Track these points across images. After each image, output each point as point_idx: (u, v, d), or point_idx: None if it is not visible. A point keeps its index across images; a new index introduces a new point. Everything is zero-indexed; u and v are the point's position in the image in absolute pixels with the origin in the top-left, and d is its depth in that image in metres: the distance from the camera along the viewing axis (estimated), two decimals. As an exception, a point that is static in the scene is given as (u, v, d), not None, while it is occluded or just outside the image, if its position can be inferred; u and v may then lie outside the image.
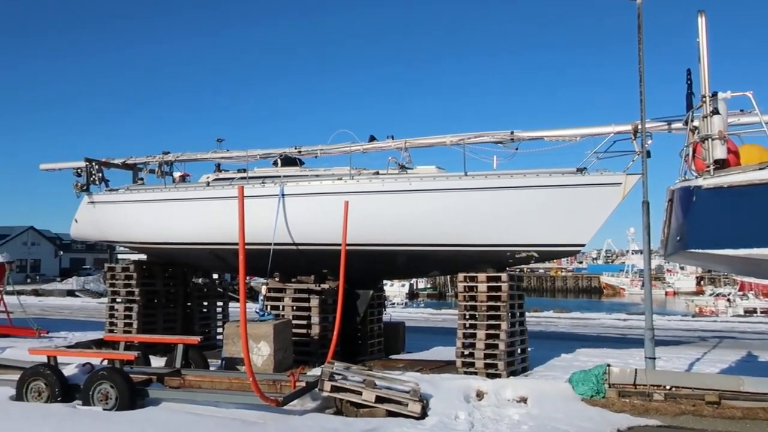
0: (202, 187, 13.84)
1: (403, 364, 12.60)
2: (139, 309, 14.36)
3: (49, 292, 46.98)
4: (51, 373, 9.43)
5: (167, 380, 10.02)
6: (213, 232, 13.19)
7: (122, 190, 14.86)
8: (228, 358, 11.47)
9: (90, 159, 14.81)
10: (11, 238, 72.40)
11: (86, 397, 9.05)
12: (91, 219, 15.11)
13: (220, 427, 8.02)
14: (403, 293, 55.52)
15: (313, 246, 12.62)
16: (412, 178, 11.93)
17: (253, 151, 13.84)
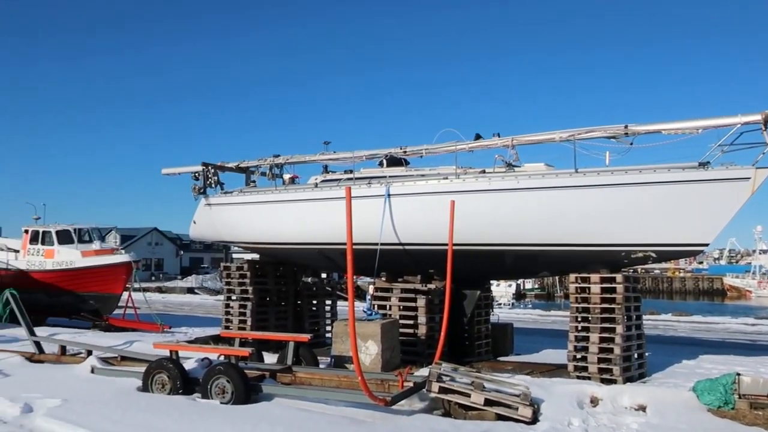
0: (311, 188, 14.17)
1: (512, 366, 12.31)
2: (252, 307, 14.91)
3: (171, 290, 49.92)
4: (173, 366, 9.95)
5: (279, 377, 10.31)
6: (321, 233, 13.47)
7: (236, 193, 15.48)
8: (337, 356, 11.66)
9: (206, 163, 15.54)
10: (137, 239, 77.51)
11: (205, 391, 9.47)
12: (208, 220, 15.85)
13: (330, 425, 8.14)
14: (509, 294, 54.49)
15: (419, 246, 12.59)
16: (520, 176, 11.63)
17: (359, 152, 14.00)
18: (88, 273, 20.13)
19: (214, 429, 7.86)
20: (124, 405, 9.07)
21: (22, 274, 20.99)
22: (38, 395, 9.55)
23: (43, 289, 20.43)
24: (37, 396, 9.50)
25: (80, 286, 20.23)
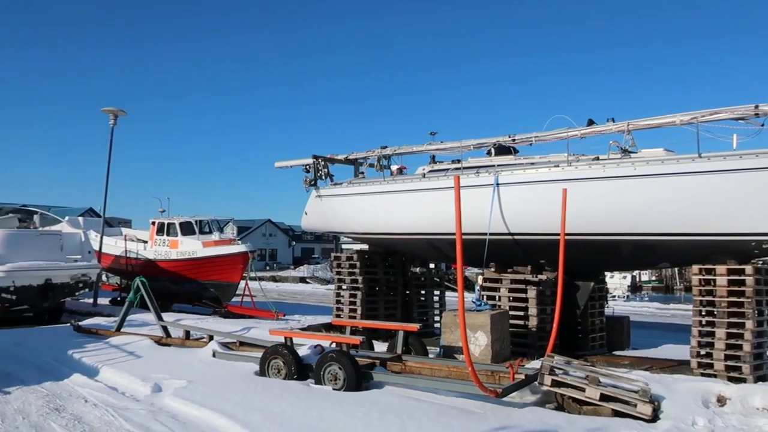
0: (418, 178, 14.20)
1: (629, 361, 11.80)
2: (362, 296, 15.19)
3: (284, 279, 51.79)
4: (288, 352, 10.30)
5: (389, 365, 10.42)
6: (429, 223, 13.49)
7: (345, 184, 15.78)
8: (446, 346, 11.64)
9: (317, 156, 15.94)
10: (252, 230, 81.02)
11: (318, 377, 9.73)
12: (319, 211, 16.29)
13: (440, 414, 8.14)
14: (624, 286, 52.34)
15: (529, 236, 12.32)
16: (637, 162, 11.08)
17: (466, 142, 13.87)
18: (209, 262, 21.27)
19: (327, 414, 8.07)
20: (243, 388, 9.50)
21: (150, 263, 22.52)
22: (166, 376, 10.19)
23: (168, 277, 21.82)
24: (165, 377, 10.14)
25: (201, 275, 21.42)
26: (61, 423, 8.06)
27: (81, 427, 7.90)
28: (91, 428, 7.86)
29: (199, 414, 8.36)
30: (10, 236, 17.52)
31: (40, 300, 17.48)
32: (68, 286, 17.98)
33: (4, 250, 16.86)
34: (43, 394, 9.57)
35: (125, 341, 13.33)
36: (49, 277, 17.30)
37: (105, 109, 21.94)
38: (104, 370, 10.95)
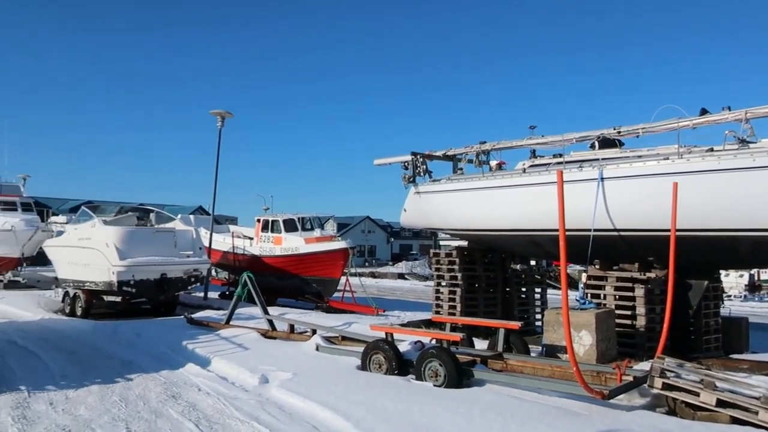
0: (518, 173, 13.96)
1: (748, 365, 11.09)
2: (461, 293, 15.12)
3: (383, 275, 52.30)
4: (389, 348, 10.41)
5: (490, 363, 10.32)
6: (530, 219, 13.22)
7: (444, 180, 15.75)
8: (548, 345, 11.38)
9: (415, 153, 16.01)
10: (351, 227, 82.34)
11: (418, 373, 9.78)
12: (417, 208, 16.34)
13: (543, 414, 7.98)
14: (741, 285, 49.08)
15: (636, 232, 11.82)
16: (757, 152, 10.37)
17: (569, 135, 13.48)
18: (311, 258, 21.85)
19: (429, 410, 8.09)
20: (345, 381, 9.70)
21: (256, 259, 23.41)
22: (272, 368, 10.56)
23: (273, 273, 22.60)
24: (272, 369, 10.52)
25: (304, 270, 22.04)
26: (177, 409, 8.54)
27: (195, 414, 8.34)
28: (205, 415, 8.27)
29: (303, 405, 8.61)
30: (129, 233, 18.73)
31: (156, 293, 18.59)
32: (181, 281, 19.01)
33: (125, 246, 18.03)
34: (161, 382, 10.18)
35: (234, 334, 13.94)
36: (164, 271, 18.35)
37: (213, 112, 23.00)
38: (215, 361, 11.50)
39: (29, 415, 8.18)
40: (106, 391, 9.53)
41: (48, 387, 9.71)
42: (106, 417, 8.12)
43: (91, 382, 10.02)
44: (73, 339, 14.52)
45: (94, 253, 18.37)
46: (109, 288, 18.17)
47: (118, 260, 17.58)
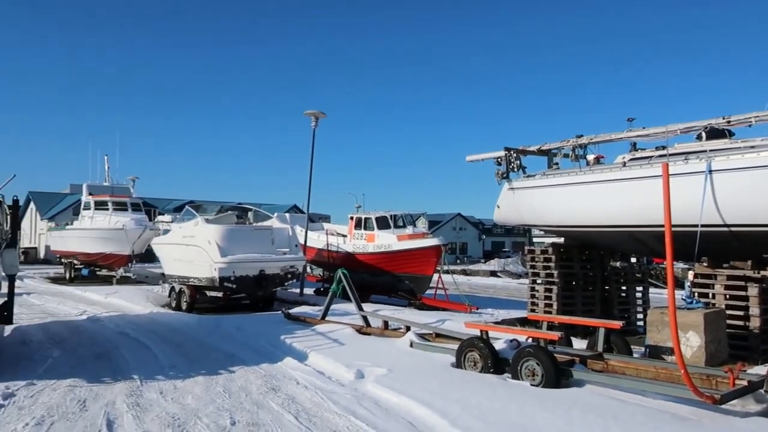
0: (618, 167, 13.43)
1: None
2: (558, 290, 14.74)
3: (475, 272, 51.78)
4: (484, 345, 10.29)
5: (590, 363, 9.99)
6: (630, 214, 12.70)
7: (538, 176, 15.39)
8: (652, 346, 10.89)
9: (509, 148, 15.73)
10: (442, 224, 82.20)
11: (515, 371, 9.61)
12: (511, 204, 16.05)
13: (647, 417, 7.64)
14: None
15: (749, 227, 11.09)
16: None
17: (672, 126, 12.83)
18: (403, 255, 21.94)
19: (526, 409, 7.93)
20: (440, 378, 9.67)
21: (349, 256, 23.76)
22: (368, 363, 10.68)
23: (366, 270, 22.86)
24: (367, 364, 10.63)
25: (397, 267, 22.16)
26: (277, 402, 8.79)
27: (294, 406, 8.55)
28: (303, 408, 8.47)
29: (399, 401, 8.65)
30: (230, 231, 19.47)
31: (255, 289, 19.24)
32: (279, 277, 19.58)
33: (225, 243, 18.77)
34: (261, 375, 10.52)
35: (329, 329, 14.21)
36: (263, 268, 18.97)
37: (307, 113, 23.53)
38: (312, 356, 11.76)
39: (142, 402, 8.66)
40: (211, 382, 9.94)
41: (158, 377, 10.25)
42: (211, 407, 8.47)
43: (197, 373, 10.49)
44: (180, 332, 15.25)
45: (197, 250, 19.24)
46: (211, 284, 18.97)
47: (219, 257, 18.32)
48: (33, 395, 8.90)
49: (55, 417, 7.87)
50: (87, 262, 32.78)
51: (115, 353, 12.38)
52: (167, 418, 7.92)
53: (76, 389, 9.31)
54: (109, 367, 11.00)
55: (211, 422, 7.76)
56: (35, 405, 8.41)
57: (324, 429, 7.55)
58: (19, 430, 7.29)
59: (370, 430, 7.53)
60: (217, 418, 7.93)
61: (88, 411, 8.19)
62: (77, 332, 15.18)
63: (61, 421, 7.70)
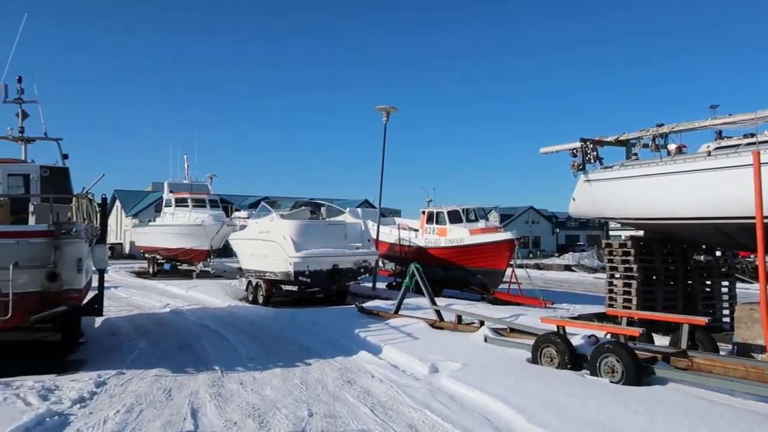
0: (702, 157, 12.83)
1: None
2: (637, 285, 14.25)
3: (548, 267, 50.80)
4: (561, 341, 10.09)
5: (673, 360, 9.62)
6: (716, 206, 12.12)
7: (617, 167, 14.91)
8: (740, 343, 10.41)
9: (585, 139, 15.30)
10: (515, 218, 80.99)
11: (593, 368, 9.38)
12: (588, 197, 15.62)
13: (737, 419, 7.30)
14: None
15: None
16: None
17: (762, 112, 12.14)
18: (476, 249, 21.75)
19: (606, 407, 7.73)
20: (515, 374, 9.55)
21: (421, 250, 23.76)
22: (442, 358, 10.66)
23: (438, 264, 22.80)
24: (441, 359, 10.62)
25: (469, 262, 22.00)
26: (353, 394, 8.90)
27: (370, 399, 8.64)
28: (379, 401, 8.54)
29: (474, 396, 8.60)
30: (304, 226, 19.82)
31: (329, 283, 19.50)
32: (352, 271, 19.78)
33: (300, 238, 19.11)
34: (337, 367, 10.67)
35: (403, 323, 14.26)
36: (336, 262, 19.21)
37: (379, 108, 23.64)
38: (386, 349, 11.83)
39: (223, 392, 8.95)
40: (288, 374, 10.16)
41: (237, 368, 10.57)
42: (289, 398, 8.66)
43: (275, 365, 10.75)
44: (257, 325, 15.66)
45: (273, 245, 19.68)
46: (286, 278, 19.37)
47: (294, 252, 18.68)
48: (123, 384, 9.35)
49: (143, 405, 8.23)
50: (169, 257, 34.15)
51: (197, 345, 12.83)
52: (248, 408, 8.15)
53: (162, 379, 9.72)
54: (191, 358, 11.42)
55: (290, 413, 7.93)
56: (125, 393, 8.83)
57: (400, 422, 7.59)
58: (111, 417, 7.66)
59: (446, 424, 7.52)
60: (295, 410, 8.10)
61: (174, 400, 8.53)
62: (161, 324, 15.83)
63: (149, 409, 8.05)
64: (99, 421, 7.48)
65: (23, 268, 9.79)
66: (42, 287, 10.06)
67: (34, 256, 10.00)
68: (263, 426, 7.43)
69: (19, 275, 9.67)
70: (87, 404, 8.21)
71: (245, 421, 7.59)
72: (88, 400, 8.42)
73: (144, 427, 7.37)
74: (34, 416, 7.41)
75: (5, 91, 15.20)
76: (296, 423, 7.54)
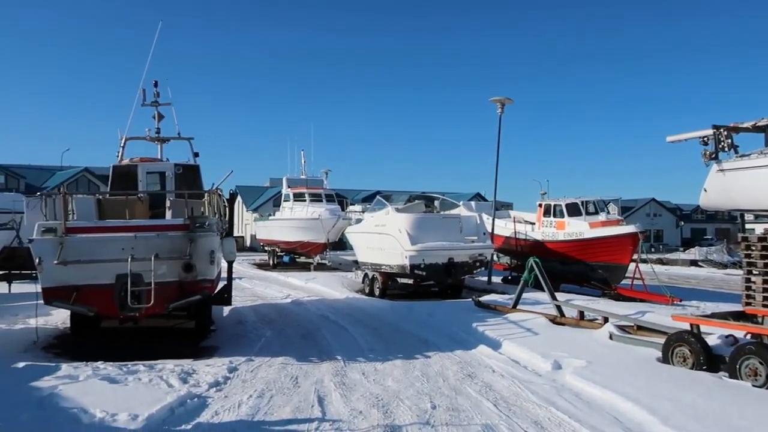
0: None
1: None
2: (778, 282, 13.18)
3: (673, 261, 48.16)
4: (695, 341, 9.55)
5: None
6: None
7: (755, 155, 13.81)
8: None
9: (718, 126, 14.28)
10: (635, 210, 77.42)
11: (732, 370, 8.81)
12: (721, 187, 14.57)
13: None
14: None
15: None
16: None
17: None
18: (597, 243, 20.97)
19: (750, 413, 7.24)
20: (645, 373, 9.15)
21: (538, 244, 23.22)
22: (564, 354, 10.38)
23: (556, 258, 22.19)
24: (564, 355, 10.34)
25: (589, 256, 21.24)
26: (474, 389, 8.85)
27: (492, 394, 8.56)
28: (501, 397, 8.44)
29: (601, 395, 8.32)
30: (419, 220, 19.91)
31: (444, 276, 19.49)
32: (467, 265, 19.66)
33: (415, 232, 19.22)
34: (456, 361, 10.65)
35: (521, 318, 14.02)
36: (452, 256, 19.15)
37: (493, 99, 23.29)
38: (506, 344, 11.68)
39: (347, 382, 9.18)
40: (408, 366, 10.27)
41: (359, 359, 10.80)
42: (411, 390, 8.75)
43: (395, 357, 10.89)
44: (374, 317, 15.93)
45: (388, 238, 19.93)
46: (402, 271, 19.56)
47: (410, 245, 18.81)
48: (252, 370, 9.81)
49: (273, 391, 8.60)
50: (287, 250, 35.43)
51: (318, 335, 13.24)
52: (371, 398, 8.31)
53: (288, 367, 10.10)
54: (314, 348, 11.80)
55: (413, 405, 8.01)
56: (255, 379, 9.27)
57: (524, 419, 7.47)
58: (245, 401, 8.07)
59: (573, 422, 7.32)
60: (417, 401, 8.17)
61: (300, 387, 8.85)
62: (283, 314, 16.47)
63: (279, 395, 8.40)
64: (234, 405, 7.89)
65: (162, 259, 10.51)
66: (179, 277, 10.76)
67: (172, 248, 10.71)
68: (388, 416, 7.55)
69: (159, 266, 10.40)
70: (222, 388, 8.69)
71: (370, 411, 7.75)
72: (223, 384, 8.90)
73: (275, 412, 7.70)
74: (177, 398, 7.94)
75: (143, 95, 16.35)
76: (420, 414, 7.60)
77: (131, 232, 10.68)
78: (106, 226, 11.18)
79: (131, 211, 12.70)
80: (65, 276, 10.32)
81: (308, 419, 7.41)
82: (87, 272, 10.39)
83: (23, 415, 7.01)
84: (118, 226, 11.13)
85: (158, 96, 16.57)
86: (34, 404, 7.53)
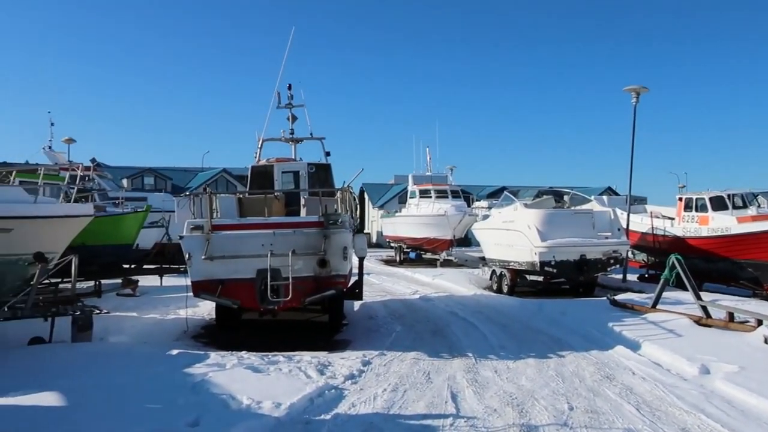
0: None
1: None
2: None
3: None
4: None
5: None
6: None
7: None
8: None
9: None
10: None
11: None
12: None
13: None
14: None
15: None
16: None
17: None
18: (747, 240, 19.38)
19: None
20: (809, 382, 8.36)
21: (678, 240, 21.84)
22: (712, 358, 9.71)
23: (698, 255, 20.77)
24: (712, 359, 9.67)
25: (737, 253, 19.68)
26: (614, 391, 8.49)
27: (633, 398, 8.17)
28: (644, 401, 8.04)
29: (758, 404, 7.72)
30: (549, 215, 19.38)
31: (575, 274, 18.84)
32: (600, 262, 18.88)
33: (545, 228, 18.73)
34: (593, 361, 10.28)
35: (662, 318, 13.26)
36: (584, 252, 18.47)
37: (627, 89, 22.19)
38: (646, 345, 11.11)
39: (479, 379, 9.13)
40: (542, 365, 10.04)
41: (490, 356, 10.70)
42: (546, 390, 8.55)
43: (527, 355, 10.69)
44: (504, 314, 15.70)
45: (517, 234, 19.56)
46: (531, 268, 19.13)
47: (539, 241, 18.36)
48: (385, 364, 10.01)
49: (406, 385, 8.73)
50: (414, 246, 35.74)
51: (448, 331, 13.26)
52: (505, 396, 8.21)
53: (420, 362, 10.20)
54: (444, 344, 11.84)
55: (549, 405, 7.82)
56: (388, 373, 9.44)
57: (670, 425, 7.08)
58: (380, 394, 8.24)
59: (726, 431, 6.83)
60: (553, 402, 7.97)
61: (433, 383, 8.91)
62: (412, 310, 16.65)
63: (412, 390, 8.51)
64: (369, 397, 8.08)
65: (299, 255, 10.97)
66: (314, 273, 11.18)
67: (308, 245, 11.15)
68: (523, 415, 7.42)
69: (296, 261, 10.87)
70: (357, 381, 8.93)
71: (504, 409, 7.65)
72: (357, 377, 9.14)
73: (409, 406, 7.80)
74: (315, 388, 8.26)
75: (278, 98, 17.11)
76: (557, 415, 7.41)
77: (270, 229, 11.24)
78: (248, 224, 11.84)
79: (269, 209, 13.33)
80: (211, 270, 11.05)
81: (442, 415, 7.44)
82: (230, 267, 11.07)
83: (180, 399, 7.57)
84: (258, 223, 11.75)
85: (292, 98, 17.27)
86: (188, 389, 8.11)
